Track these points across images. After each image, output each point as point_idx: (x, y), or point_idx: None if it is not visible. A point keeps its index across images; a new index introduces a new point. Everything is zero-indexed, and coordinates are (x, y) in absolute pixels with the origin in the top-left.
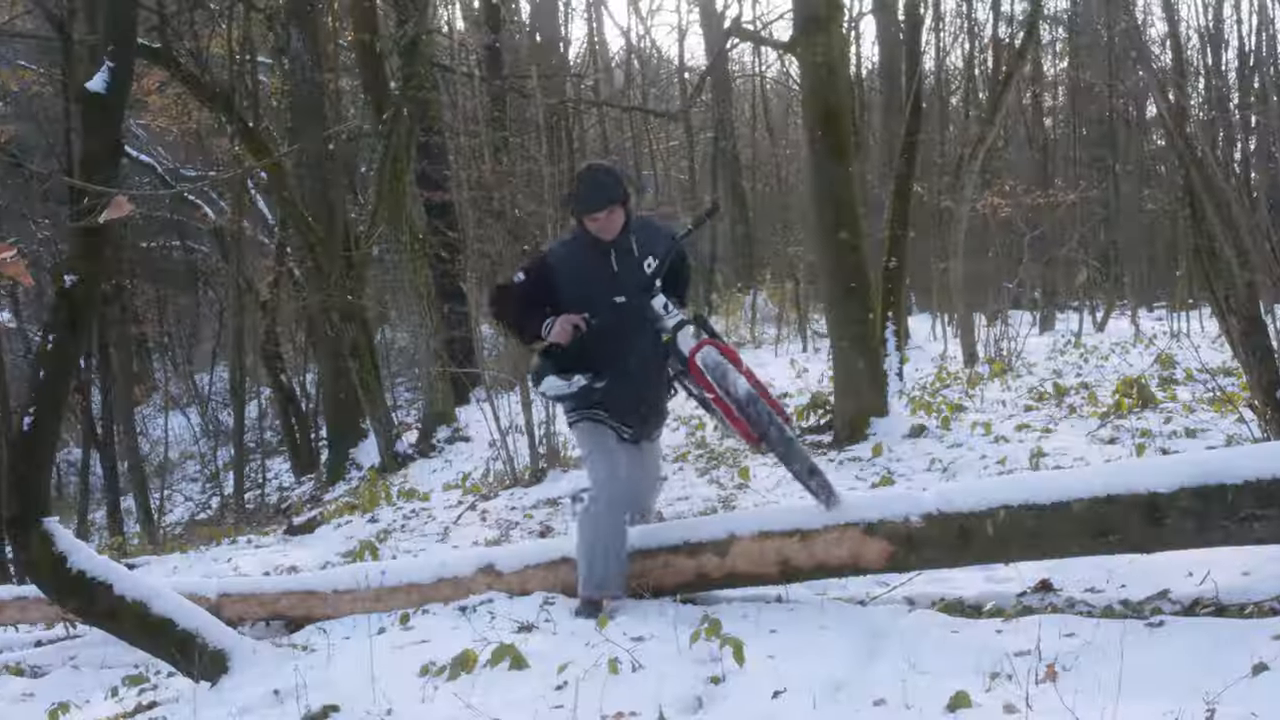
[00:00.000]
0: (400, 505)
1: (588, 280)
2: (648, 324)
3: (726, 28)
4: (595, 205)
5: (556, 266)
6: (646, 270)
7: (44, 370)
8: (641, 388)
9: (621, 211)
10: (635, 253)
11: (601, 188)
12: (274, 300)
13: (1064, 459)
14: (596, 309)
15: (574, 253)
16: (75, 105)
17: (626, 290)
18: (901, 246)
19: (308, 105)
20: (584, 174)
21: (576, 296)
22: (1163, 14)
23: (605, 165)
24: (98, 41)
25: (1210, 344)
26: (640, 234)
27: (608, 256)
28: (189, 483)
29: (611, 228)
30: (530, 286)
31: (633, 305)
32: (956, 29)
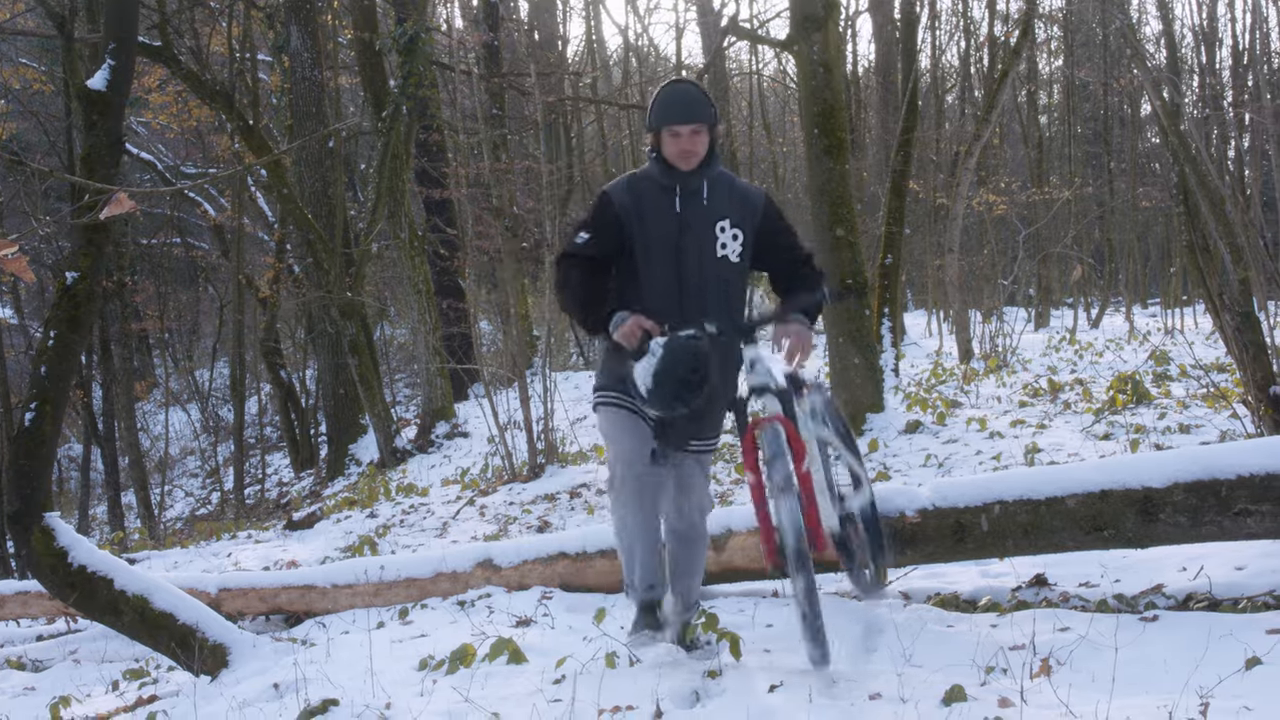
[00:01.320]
0: (399, 500)
1: (646, 219)
2: (718, 292)
3: (724, 26)
4: (682, 115)
5: (619, 201)
6: (720, 236)
7: (46, 367)
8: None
9: (707, 137)
10: (705, 201)
11: (691, 100)
12: (274, 297)
13: (1059, 454)
14: (653, 259)
15: (634, 185)
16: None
17: (688, 239)
18: (897, 243)
19: (307, 103)
20: (669, 86)
21: (638, 241)
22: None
23: (695, 82)
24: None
25: (1204, 340)
26: (717, 185)
27: (671, 194)
28: (189, 478)
29: (693, 153)
30: (596, 245)
31: (697, 265)
32: (952, 27)
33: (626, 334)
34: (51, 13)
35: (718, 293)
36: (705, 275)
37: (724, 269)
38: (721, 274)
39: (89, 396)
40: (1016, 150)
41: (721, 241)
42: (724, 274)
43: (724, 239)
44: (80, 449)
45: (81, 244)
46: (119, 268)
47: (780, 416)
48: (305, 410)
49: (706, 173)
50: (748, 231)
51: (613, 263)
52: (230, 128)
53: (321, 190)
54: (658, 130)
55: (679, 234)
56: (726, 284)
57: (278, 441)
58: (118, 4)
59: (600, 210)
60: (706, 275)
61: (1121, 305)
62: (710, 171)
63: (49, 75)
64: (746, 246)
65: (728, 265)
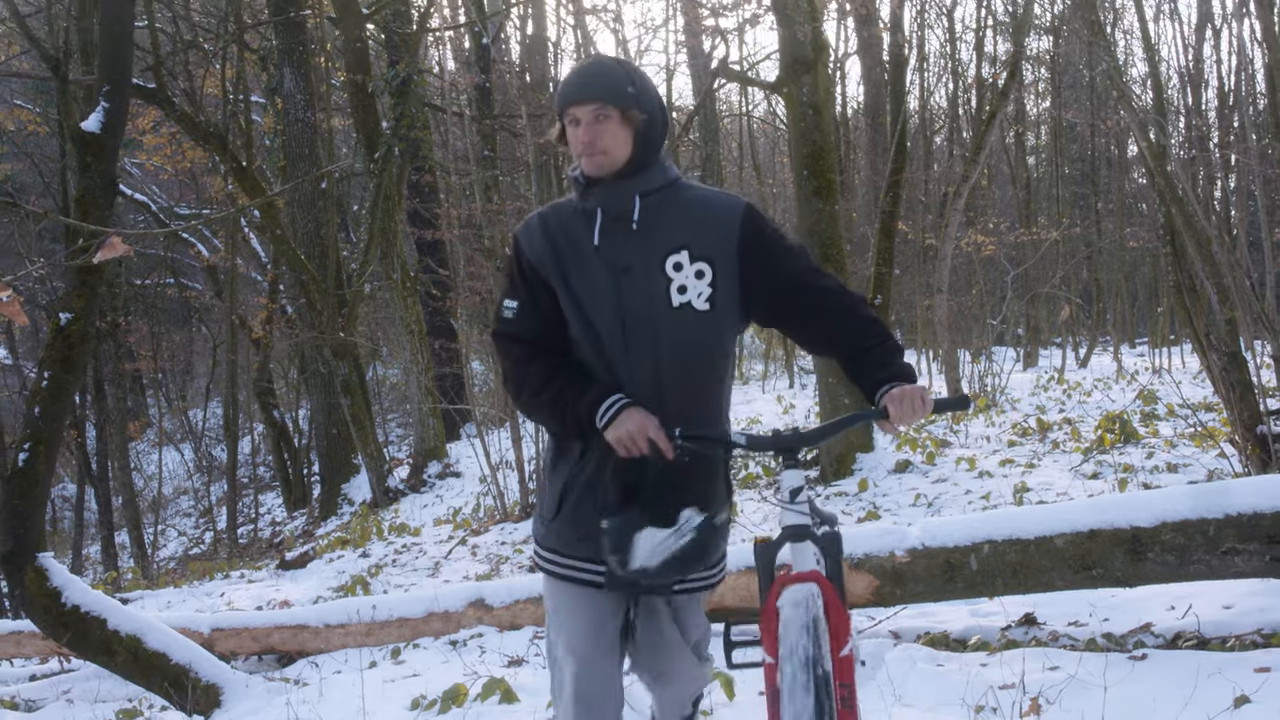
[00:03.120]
0: (392, 540)
1: (564, 265)
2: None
3: (714, 68)
4: (576, 92)
5: (531, 247)
6: (674, 277)
7: (40, 407)
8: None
9: (623, 128)
10: (636, 225)
11: (594, 72)
12: (267, 337)
13: (1047, 494)
14: (582, 328)
15: (550, 219)
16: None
17: (626, 288)
18: (886, 284)
19: (300, 144)
20: (573, 66)
21: (563, 302)
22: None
23: (617, 58)
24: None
25: (1191, 380)
26: (660, 200)
27: (589, 222)
28: (182, 518)
29: (597, 148)
30: (527, 319)
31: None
32: (940, 69)
33: (628, 439)
34: (46, 55)
35: (682, 367)
36: (660, 339)
37: (689, 326)
38: (686, 333)
39: (83, 436)
40: (1005, 191)
41: (678, 283)
42: (690, 333)
43: (681, 279)
44: (74, 489)
45: (75, 285)
46: (113, 308)
47: (819, 575)
48: (298, 450)
49: (637, 183)
50: (721, 263)
51: (563, 330)
52: (224, 169)
53: (314, 231)
54: (560, 123)
55: (611, 281)
56: (697, 349)
57: (271, 481)
58: (112, 47)
59: (518, 265)
60: (662, 339)
61: (1109, 345)
62: (647, 180)
63: (43, 117)
64: (722, 286)
65: (694, 318)
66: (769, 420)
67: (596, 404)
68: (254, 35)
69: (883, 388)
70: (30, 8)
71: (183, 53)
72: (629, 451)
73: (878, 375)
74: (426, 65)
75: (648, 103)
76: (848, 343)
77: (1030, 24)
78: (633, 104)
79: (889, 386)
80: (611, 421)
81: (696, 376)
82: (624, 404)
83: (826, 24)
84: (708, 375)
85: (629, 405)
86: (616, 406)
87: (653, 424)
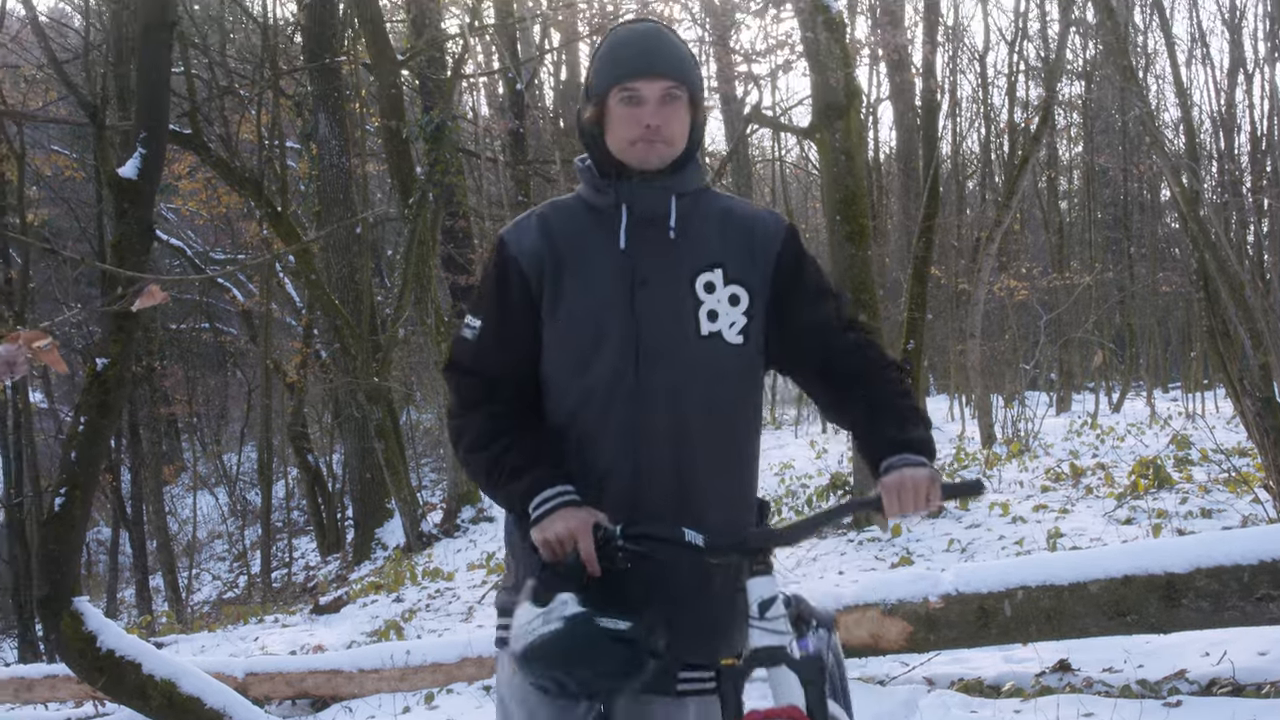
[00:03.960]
0: (425, 585)
1: (567, 272)
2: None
3: (746, 114)
4: (645, 65)
5: (525, 250)
6: (705, 299)
7: (76, 452)
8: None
9: (687, 114)
10: (673, 232)
11: (666, 45)
12: (301, 381)
13: (1081, 539)
14: (579, 351)
15: (549, 219)
16: (107, 190)
17: (645, 304)
18: (919, 329)
19: (335, 189)
20: (622, 27)
21: (555, 317)
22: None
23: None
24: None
25: (1225, 425)
26: (697, 205)
27: (611, 222)
28: (217, 562)
29: (662, 135)
30: (499, 339)
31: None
32: (973, 114)
33: (552, 540)
34: (84, 102)
35: (711, 414)
36: (683, 375)
37: (719, 360)
38: (715, 370)
39: (118, 480)
40: (1037, 236)
41: (709, 307)
42: (720, 370)
43: (713, 303)
44: (109, 532)
45: (112, 330)
46: (148, 353)
47: (796, 713)
48: (332, 494)
49: (677, 182)
50: (758, 289)
51: (533, 370)
52: (259, 214)
53: (349, 276)
54: (602, 98)
55: (628, 295)
56: (729, 391)
57: (304, 525)
58: (149, 93)
59: (498, 271)
60: (686, 375)
61: (1143, 390)
62: (684, 180)
63: (80, 162)
64: (758, 317)
65: (725, 353)
66: (801, 466)
67: (532, 493)
68: (289, 81)
69: (885, 464)
70: (68, 54)
71: (219, 98)
72: (553, 556)
73: (884, 447)
74: (461, 111)
75: (703, 87)
76: (864, 406)
77: (1062, 69)
78: (700, 87)
79: (893, 462)
80: (541, 520)
81: (729, 429)
82: (564, 502)
83: (859, 70)
84: (743, 428)
85: (568, 504)
86: (554, 503)
87: (585, 530)
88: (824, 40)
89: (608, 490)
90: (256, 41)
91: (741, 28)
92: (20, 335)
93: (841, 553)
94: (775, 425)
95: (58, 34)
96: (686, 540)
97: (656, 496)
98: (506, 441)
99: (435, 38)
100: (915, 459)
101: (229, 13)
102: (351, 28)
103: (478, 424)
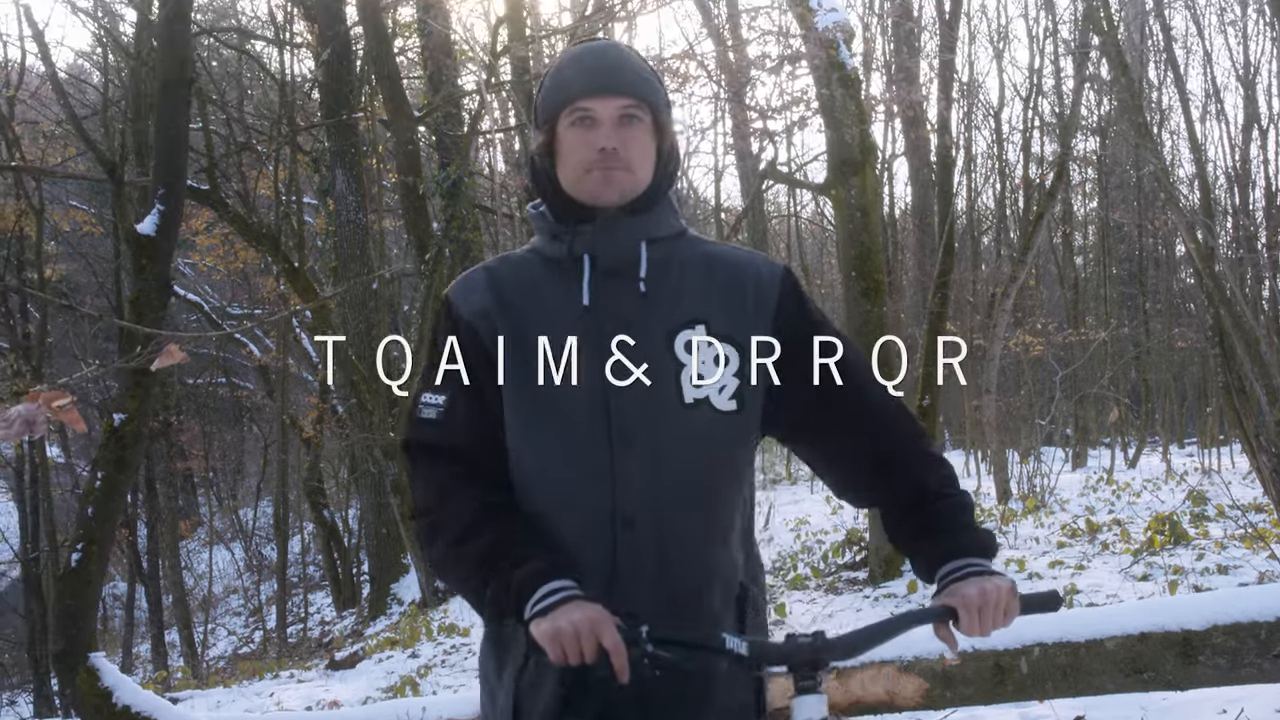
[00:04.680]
0: (441, 640)
1: (521, 332)
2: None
3: (762, 170)
4: (598, 83)
5: (471, 309)
6: (685, 360)
7: (93, 507)
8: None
9: (650, 138)
10: (643, 282)
11: (621, 60)
12: (318, 437)
13: (1097, 596)
14: (539, 428)
15: (500, 274)
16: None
17: (618, 372)
18: (934, 385)
19: (352, 245)
20: (575, 47)
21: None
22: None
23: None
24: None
25: (1241, 480)
26: (672, 250)
27: (573, 272)
28: (232, 617)
29: (619, 161)
30: (454, 418)
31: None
32: (988, 170)
33: (565, 631)
34: (102, 158)
35: (695, 493)
36: (663, 451)
37: (706, 431)
38: (701, 442)
39: (134, 535)
40: (1052, 291)
41: (691, 371)
42: (707, 441)
43: (696, 364)
44: (124, 587)
45: (129, 387)
46: (165, 407)
47: None
48: (347, 549)
49: (647, 225)
50: (748, 346)
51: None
52: (276, 270)
53: (366, 331)
54: (552, 124)
55: (596, 361)
56: (718, 466)
57: (320, 580)
58: (167, 149)
59: (449, 335)
60: (666, 450)
61: (1158, 445)
62: (655, 223)
63: (98, 217)
64: (753, 378)
65: (714, 421)
66: (817, 522)
67: (532, 585)
68: (307, 137)
69: (950, 569)
70: (86, 110)
71: (236, 154)
72: (564, 656)
73: (943, 545)
74: (477, 167)
75: (668, 104)
76: (898, 484)
77: (1077, 125)
78: (665, 108)
79: (961, 571)
80: (547, 612)
81: (718, 510)
82: (570, 596)
83: (874, 125)
84: (732, 508)
85: (576, 599)
86: (560, 596)
87: (607, 624)
88: (839, 97)
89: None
90: (274, 98)
91: (757, 84)
92: (40, 395)
93: (857, 609)
94: (790, 481)
95: (77, 90)
96: (728, 648)
97: (635, 594)
98: (493, 534)
99: (452, 94)
100: (987, 565)
101: (247, 69)
102: (369, 84)
103: (462, 513)
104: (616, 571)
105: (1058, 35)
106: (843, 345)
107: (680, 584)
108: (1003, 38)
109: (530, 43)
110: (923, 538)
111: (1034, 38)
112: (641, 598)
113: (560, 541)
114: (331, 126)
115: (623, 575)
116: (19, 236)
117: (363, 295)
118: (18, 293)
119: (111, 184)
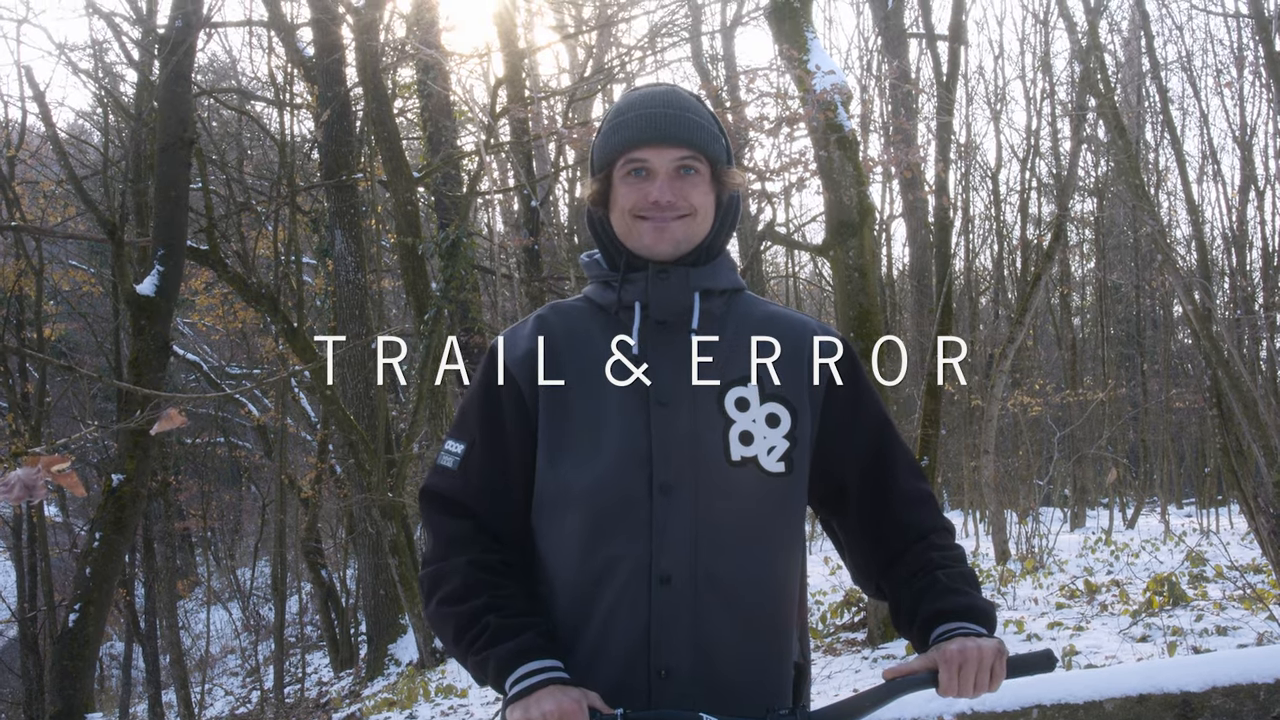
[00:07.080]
0: (439, 702)
1: (570, 383)
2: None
3: (760, 231)
4: (653, 131)
5: (519, 357)
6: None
7: (91, 568)
8: None
9: (711, 192)
10: (693, 335)
11: (681, 107)
12: (316, 497)
13: (1096, 657)
14: (581, 485)
15: (552, 322)
16: (125, 305)
17: (664, 426)
18: (933, 445)
19: (351, 305)
20: (633, 92)
21: (549, 439)
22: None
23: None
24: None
25: (1240, 541)
26: (730, 306)
27: (623, 324)
28: (230, 677)
29: (675, 211)
30: (483, 467)
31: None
32: (985, 231)
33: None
34: (102, 219)
35: (742, 565)
36: (706, 510)
37: (753, 492)
38: (747, 505)
39: (131, 594)
40: (1050, 352)
41: (742, 428)
42: (755, 504)
43: (746, 422)
44: (122, 647)
45: (128, 448)
46: (163, 467)
47: None
48: (345, 610)
49: (700, 276)
50: (804, 412)
51: (525, 506)
52: (275, 330)
53: (364, 392)
54: (607, 173)
55: (641, 415)
56: (766, 530)
57: (318, 640)
58: (167, 210)
59: (486, 382)
60: (709, 510)
61: (1157, 506)
62: (708, 275)
63: (98, 277)
64: (802, 442)
65: (762, 483)
66: (816, 582)
67: (513, 664)
68: (306, 198)
69: (941, 629)
70: (86, 170)
71: (236, 215)
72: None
73: (937, 605)
74: (476, 228)
75: (731, 155)
76: (907, 566)
77: (1074, 186)
78: (724, 160)
79: (949, 630)
80: (522, 696)
81: (761, 574)
82: (551, 679)
83: (872, 187)
84: (777, 573)
85: (556, 683)
86: (540, 679)
87: (579, 713)
88: (837, 158)
89: (607, 655)
90: (274, 158)
91: (755, 146)
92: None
93: (856, 670)
94: None
95: (77, 150)
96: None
97: (671, 651)
98: (489, 596)
99: (451, 155)
100: (975, 628)
101: (247, 130)
102: (368, 145)
103: (458, 572)
104: (650, 626)
105: (1055, 97)
106: (891, 428)
107: (719, 645)
108: (1000, 99)
109: (529, 104)
110: (922, 604)
111: (1031, 99)
112: (678, 655)
113: (595, 595)
114: (331, 187)
115: (657, 631)
116: (18, 296)
117: (361, 355)
118: (17, 353)
119: (111, 244)
